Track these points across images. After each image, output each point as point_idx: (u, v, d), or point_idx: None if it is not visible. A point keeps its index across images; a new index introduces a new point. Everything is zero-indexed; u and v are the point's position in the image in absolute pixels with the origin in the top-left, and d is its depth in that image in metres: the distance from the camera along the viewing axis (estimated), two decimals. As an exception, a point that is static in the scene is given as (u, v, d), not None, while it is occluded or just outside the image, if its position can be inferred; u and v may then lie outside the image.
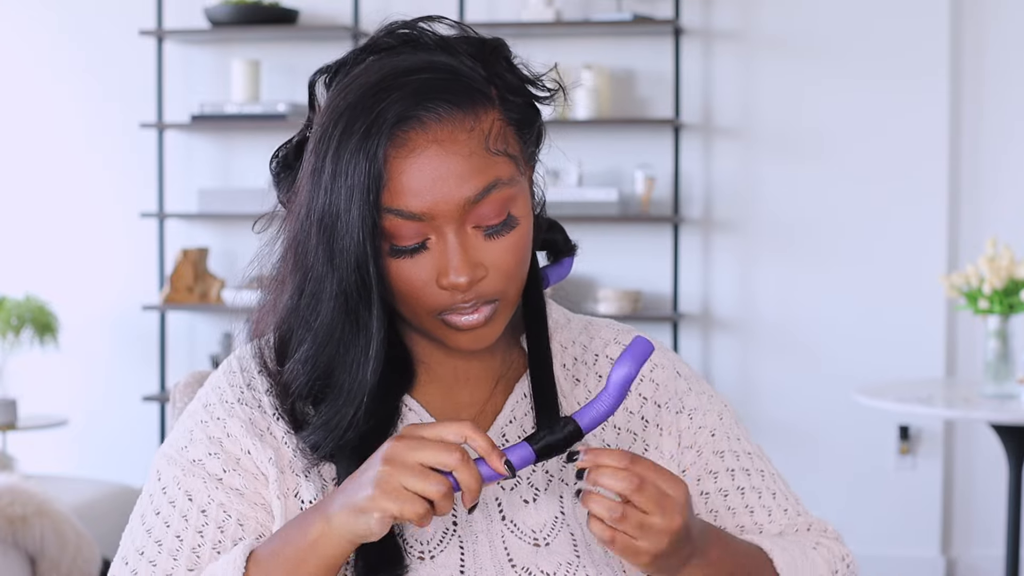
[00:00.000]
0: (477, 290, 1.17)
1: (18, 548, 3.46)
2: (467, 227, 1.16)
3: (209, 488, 1.22)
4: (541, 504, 1.25)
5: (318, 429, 1.19)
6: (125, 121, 5.19)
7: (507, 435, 1.27)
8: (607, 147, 4.95)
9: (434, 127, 1.14)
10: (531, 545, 1.23)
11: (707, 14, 4.88)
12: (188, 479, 1.23)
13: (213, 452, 1.23)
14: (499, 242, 1.17)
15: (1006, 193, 4.81)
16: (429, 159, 1.14)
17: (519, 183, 1.19)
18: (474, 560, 1.21)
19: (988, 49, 4.81)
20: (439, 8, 4.92)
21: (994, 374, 3.95)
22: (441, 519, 1.22)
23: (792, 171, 4.87)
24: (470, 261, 1.16)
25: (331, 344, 1.18)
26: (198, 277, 5.01)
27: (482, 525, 1.23)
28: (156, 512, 1.24)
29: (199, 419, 1.26)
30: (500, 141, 1.17)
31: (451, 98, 1.15)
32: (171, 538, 1.22)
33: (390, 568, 1.18)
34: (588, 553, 1.23)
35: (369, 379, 1.17)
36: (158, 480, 1.25)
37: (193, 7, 5.13)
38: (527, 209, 1.20)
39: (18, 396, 4.96)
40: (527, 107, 1.22)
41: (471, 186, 1.15)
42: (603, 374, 1.32)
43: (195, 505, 1.22)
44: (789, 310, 4.89)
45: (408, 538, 1.21)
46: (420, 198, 1.14)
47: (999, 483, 4.69)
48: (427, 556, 1.21)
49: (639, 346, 1.14)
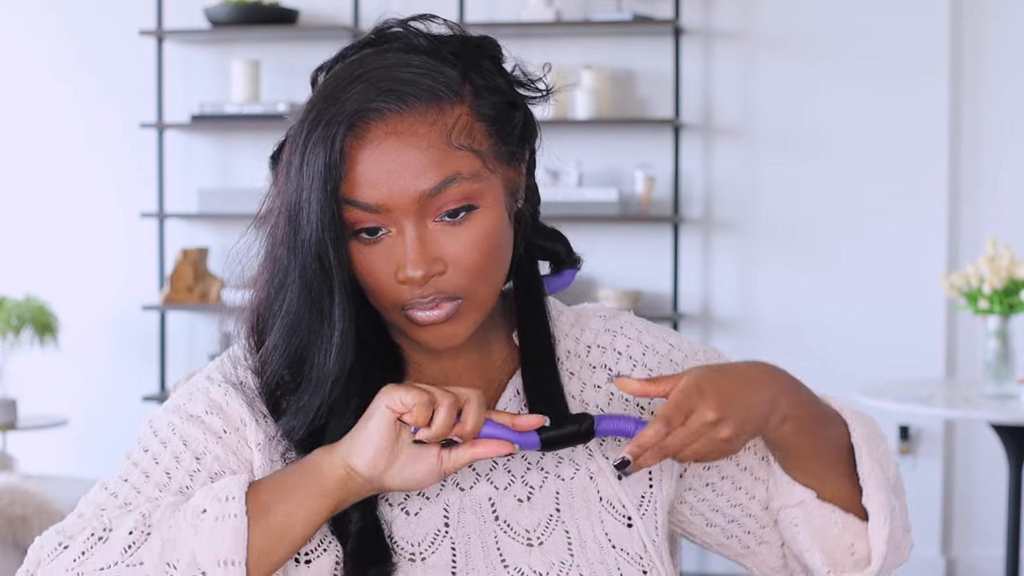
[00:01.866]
0: (436, 285, 1.17)
1: (18, 548, 3.46)
2: (427, 221, 1.16)
3: (208, 440, 1.20)
4: (535, 502, 1.24)
5: (291, 416, 1.19)
6: (125, 121, 5.19)
7: None
8: (607, 147, 4.95)
9: (394, 120, 1.15)
10: (524, 545, 1.22)
11: (707, 14, 4.88)
12: (186, 426, 1.21)
13: (213, 411, 1.22)
14: (460, 237, 1.16)
15: (1006, 193, 4.81)
16: (386, 151, 1.15)
17: (485, 179, 1.17)
18: (466, 561, 1.20)
19: (988, 49, 4.81)
20: (439, 8, 4.91)
21: (994, 374, 3.95)
22: (432, 520, 1.21)
23: (792, 171, 4.87)
24: (426, 255, 1.16)
25: (298, 332, 1.18)
26: (198, 277, 5.01)
27: (474, 526, 1.22)
28: (144, 450, 1.21)
29: (200, 387, 1.24)
30: (464, 136, 1.16)
31: (415, 91, 1.16)
32: (160, 473, 1.19)
33: (379, 566, 1.17)
34: (583, 552, 1.23)
35: (333, 367, 1.17)
36: (149, 426, 1.23)
37: (193, 7, 5.13)
38: (498, 206, 1.18)
39: (18, 396, 4.96)
40: (505, 105, 1.20)
41: (427, 179, 1.14)
42: (596, 366, 1.32)
43: (189, 450, 1.20)
44: (789, 310, 4.89)
45: (399, 539, 1.20)
46: (376, 190, 1.15)
47: (999, 483, 4.69)
48: (418, 558, 1.20)
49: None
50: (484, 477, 1.24)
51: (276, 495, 1.14)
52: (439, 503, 1.22)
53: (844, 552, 1.30)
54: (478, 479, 1.24)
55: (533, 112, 1.26)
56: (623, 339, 1.34)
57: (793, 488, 1.30)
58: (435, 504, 1.22)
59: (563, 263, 1.32)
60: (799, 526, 1.30)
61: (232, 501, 1.12)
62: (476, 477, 1.24)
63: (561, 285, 1.31)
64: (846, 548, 1.30)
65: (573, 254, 1.32)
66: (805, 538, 1.30)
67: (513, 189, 1.21)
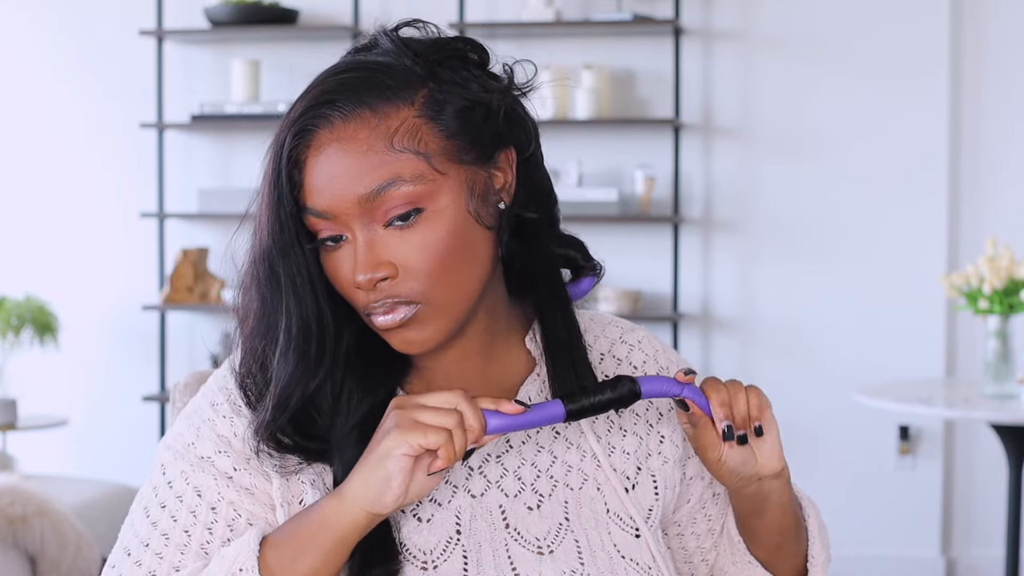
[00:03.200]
0: (389, 290, 1.16)
1: (18, 548, 3.46)
2: (376, 226, 1.16)
3: (219, 485, 1.21)
4: (545, 510, 1.24)
5: (260, 412, 1.20)
6: (125, 121, 5.19)
7: (510, 440, 1.26)
8: (607, 147, 4.95)
9: (339, 125, 1.15)
10: (535, 553, 1.22)
11: (707, 14, 4.88)
12: (197, 475, 1.21)
13: (222, 450, 1.22)
14: (410, 240, 1.16)
15: (1006, 193, 4.81)
16: (329, 157, 1.15)
17: (432, 181, 1.15)
18: (478, 570, 1.20)
19: (988, 49, 4.81)
20: (438, 9, 4.94)
21: (994, 374, 3.94)
22: (444, 528, 1.21)
23: (792, 171, 4.87)
24: (372, 260, 1.15)
25: (259, 332, 1.20)
26: (198, 277, 5.01)
27: (485, 534, 1.22)
28: (162, 506, 1.21)
29: (206, 417, 1.24)
30: (408, 139, 1.15)
31: (361, 96, 1.15)
32: (179, 532, 1.20)
33: (385, 565, 1.17)
34: (592, 561, 1.22)
35: (279, 371, 1.18)
36: (163, 474, 1.23)
37: (193, 7, 5.13)
38: (452, 208, 1.16)
39: (18, 396, 4.96)
40: (470, 106, 1.18)
41: (364, 183, 1.14)
42: (609, 374, 1.31)
43: (204, 501, 1.20)
44: (789, 310, 4.89)
45: (411, 547, 1.20)
46: (321, 196, 1.15)
47: (999, 483, 4.69)
48: (430, 566, 1.19)
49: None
50: (495, 484, 1.24)
51: (292, 553, 1.14)
52: (451, 510, 1.22)
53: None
54: (488, 486, 1.24)
55: (525, 113, 1.23)
56: (640, 354, 1.35)
57: (755, 571, 1.32)
58: (447, 511, 1.22)
59: (581, 269, 1.29)
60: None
61: (244, 573, 1.13)
62: (487, 484, 1.24)
63: (578, 294, 1.28)
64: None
65: (591, 260, 1.31)
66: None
67: (480, 190, 1.19)
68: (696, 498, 1.35)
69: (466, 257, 1.18)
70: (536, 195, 1.25)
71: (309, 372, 1.18)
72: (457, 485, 1.22)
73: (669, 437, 1.32)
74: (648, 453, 1.30)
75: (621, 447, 1.29)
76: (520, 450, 1.26)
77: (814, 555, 1.32)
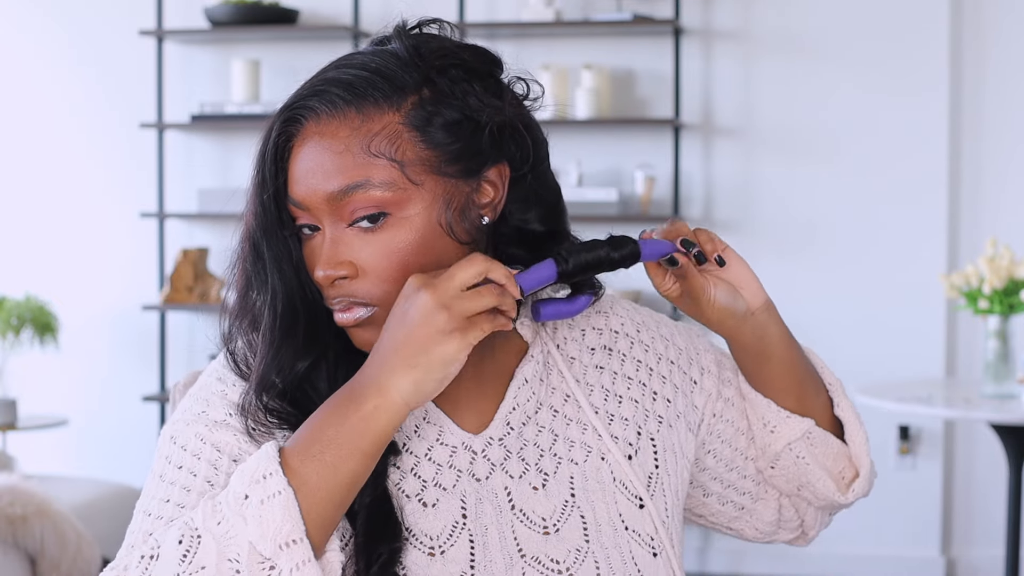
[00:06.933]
0: (346, 289, 1.17)
1: (18, 548, 3.46)
2: (342, 224, 1.17)
3: (239, 441, 1.18)
4: (551, 489, 1.24)
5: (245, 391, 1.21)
6: (125, 121, 5.19)
7: (511, 423, 1.26)
8: (607, 147, 4.95)
9: (325, 120, 1.17)
10: (541, 534, 1.22)
11: (707, 14, 4.88)
12: (214, 434, 1.19)
13: (236, 412, 1.20)
14: (372, 244, 1.16)
15: (1006, 193, 4.81)
16: (309, 149, 1.17)
17: (403, 190, 1.15)
18: (484, 553, 1.20)
19: (988, 49, 4.81)
20: (439, 9, 4.94)
21: (994, 374, 3.95)
22: (450, 512, 1.20)
23: (792, 171, 4.87)
24: (334, 258, 1.16)
25: (245, 309, 1.23)
26: (198, 277, 5.01)
27: (491, 517, 1.22)
28: (179, 466, 1.18)
29: (215, 390, 1.23)
30: (386, 145, 1.15)
31: (351, 94, 1.16)
32: (200, 482, 1.16)
33: (390, 543, 1.16)
34: (598, 537, 1.23)
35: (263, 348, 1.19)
36: (174, 443, 1.20)
37: (193, 7, 5.13)
38: (421, 218, 1.16)
39: (18, 396, 4.96)
40: (459, 120, 1.17)
41: (334, 182, 1.15)
42: (626, 354, 1.34)
43: (225, 455, 1.18)
44: (789, 310, 4.85)
45: (417, 532, 1.19)
46: (298, 186, 1.18)
47: (999, 483, 4.69)
48: (437, 552, 1.19)
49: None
50: (499, 467, 1.24)
51: (333, 460, 1.09)
52: (456, 494, 1.22)
53: (841, 473, 1.41)
54: (493, 469, 1.24)
55: (530, 128, 1.22)
56: (647, 333, 1.41)
57: (791, 421, 1.37)
58: (452, 495, 1.21)
59: (581, 286, 1.27)
60: (805, 458, 1.38)
61: (271, 478, 1.08)
62: (491, 467, 1.24)
63: (573, 311, 1.24)
64: (841, 469, 1.41)
65: (595, 280, 1.29)
66: (815, 468, 1.38)
67: (459, 204, 1.17)
68: (715, 438, 1.39)
69: (428, 268, 1.16)
70: (538, 208, 1.24)
71: (298, 352, 1.19)
72: (461, 469, 1.23)
73: (660, 392, 1.34)
74: (646, 415, 1.32)
75: (619, 414, 1.30)
76: (521, 431, 1.26)
77: (831, 382, 1.41)
